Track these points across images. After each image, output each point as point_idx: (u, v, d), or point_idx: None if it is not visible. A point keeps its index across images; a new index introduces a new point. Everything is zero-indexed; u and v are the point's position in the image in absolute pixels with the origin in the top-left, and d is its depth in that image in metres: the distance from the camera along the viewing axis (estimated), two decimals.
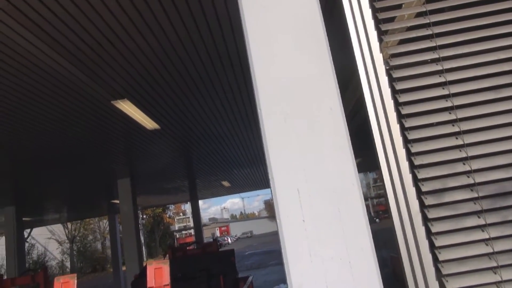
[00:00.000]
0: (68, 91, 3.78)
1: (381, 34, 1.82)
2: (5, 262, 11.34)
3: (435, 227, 1.53)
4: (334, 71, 1.27)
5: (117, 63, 3.34)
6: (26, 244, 20.78)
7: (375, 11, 1.84)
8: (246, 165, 10.63)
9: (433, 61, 1.77)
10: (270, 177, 1.19)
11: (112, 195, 12.48)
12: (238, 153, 8.64)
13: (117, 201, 12.55)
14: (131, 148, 6.66)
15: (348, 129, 1.23)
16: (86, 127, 5.06)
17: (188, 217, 64.55)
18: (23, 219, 11.77)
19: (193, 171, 10.55)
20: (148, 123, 5.24)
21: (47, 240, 27.48)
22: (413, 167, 1.61)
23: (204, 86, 4.26)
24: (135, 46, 3.09)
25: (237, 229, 69.77)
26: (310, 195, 1.15)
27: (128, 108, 4.50)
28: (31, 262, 24.83)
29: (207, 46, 3.30)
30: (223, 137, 6.95)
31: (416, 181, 1.59)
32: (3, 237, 10.75)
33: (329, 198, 1.15)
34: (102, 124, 5.07)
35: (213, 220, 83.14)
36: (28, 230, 22.18)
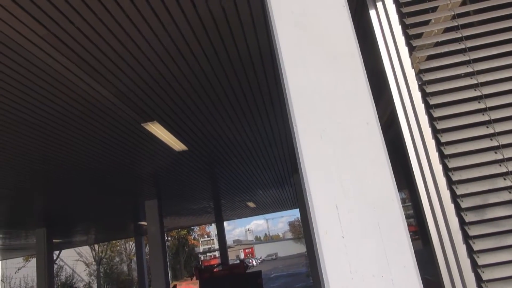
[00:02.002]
0: (101, 114, 3.90)
1: (412, 49, 1.81)
2: (35, 283, 11.52)
3: (477, 245, 1.48)
4: (369, 86, 1.27)
5: (148, 87, 3.44)
6: (55, 266, 21.12)
7: (405, 27, 1.84)
8: (272, 185, 10.59)
9: (467, 75, 1.75)
10: (306, 194, 1.19)
11: (139, 217, 12.62)
12: (264, 173, 8.64)
13: (144, 223, 12.66)
14: (159, 169, 6.75)
15: None
16: (117, 149, 5.18)
17: (213, 239, 64.33)
18: (53, 241, 12.00)
19: (219, 191, 10.59)
20: (176, 144, 5.33)
21: (75, 262, 27.87)
22: (451, 183, 1.58)
23: (232, 108, 4.32)
24: (167, 71, 3.18)
25: (261, 251, 68.99)
26: (349, 211, 1.14)
27: (157, 130, 4.59)
28: (59, 284, 25.15)
29: (235, 70, 3.36)
30: (249, 158, 6.97)
31: (454, 197, 1.55)
32: (33, 259, 10.98)
33: (369, 213, 1.13)
34: (132, 146, 5.18)
35: (238, 242, 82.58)
36: (57, 252, 22.58)
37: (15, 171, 5.39)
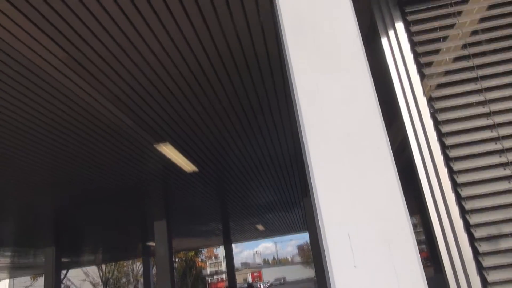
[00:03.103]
0: (114, 134, 3.96)
1: (423, 77, 1.83)
2: None
3: (491, 276, 1.45)
4: (380, 111, 1.29)
5: (162, 108, 3.50)
6: (62, 286, 20.98)
7: (416, 55, 1.86)
8: (281, 208, 10.52)
9: (479, 103, 1.75)
10: (318, 222, 1.19)
11: (147, 237, 12.58)
12: (274, 196, 8.60)
13: (153, 244, 12.60)
14: (169, 190, 6.78)
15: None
16: (128, 169, 5.23)
17: (220, 262, 63.58)
18: (62, 260, 12.00)
19: (228, 214, 10.54)
20: (187, 166, 5.36)
21: (82, 282, 27.73)
22: (464, 212, 1.57)
23: (244, 130, 4.36)
24: (180, 93, 3.23)
25: (269, 275, 67.90)
26: (362, 240, 1.13)
27: (169, 151, 4.64)
28: None
29: (247, 93, 3.40)
30: (259, 180, 6.97)
31: (468, 226, 1.53)
32: (41, 278, 10.97)
33: (381, 242, 1.12)
34: (143, 167, 5.23)
35: (245, 265, 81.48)
36: (64, 271, 22.50)
37: (27, 189, 5.45)
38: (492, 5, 1.85)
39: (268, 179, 7.00)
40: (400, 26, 1.91)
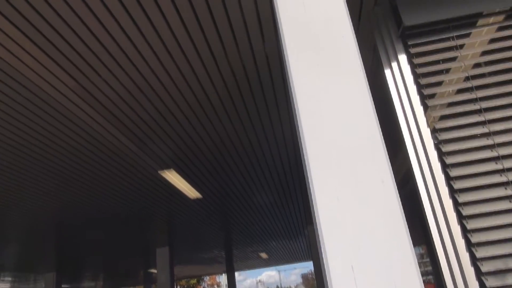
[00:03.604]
0: (120, 161, 3.98)
1: (426, 108, 1.85)
2: None
3: None
4: (384, 143, 1.29)
5: (167, 135, 3.53)
6: None
7: (420, 87, 1.88)
8: (285, 236, 10.40)
9: (483, 135, 1.76)
10: (322, 254, 1.18)
11: (149, 264, 12.42)
12: (278, 224, 8.52)
13: (154, 271, 12.42)
14: (173, 216, 6.74)
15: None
16: (132, 195, 5.23)
17: None
18: (62, 286, 11.82)
19: (231, 241, 10.42)
20: (191, 192, 5.35)
21: None
22: (470, 245, 1.55)
23: (248, 157, 4.37)
24: (186, 121, 3.27)
25: None
26: (365, 273, 1.12)
27: (173, 177, 4.64)
28: None
29: (252, 120, 3.43)
30: (263, 209, 6.92)
31: (474, 260, 1.51)
32: None
33: (385, 276, 1.11)
34: (147, 193, 5.22)
35: None
36: None
37: (29, 213, 5.45)
38: (493, 39, 1.88)
39: (272, 207, 6.96)
40: (403, 58, 1.94)
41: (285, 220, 8.30)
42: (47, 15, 1.90)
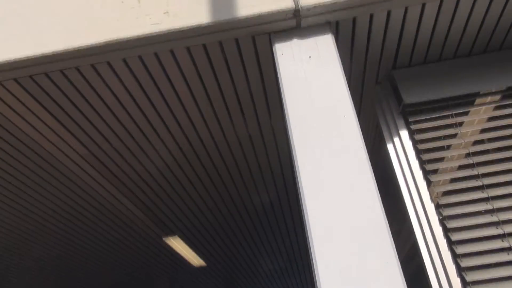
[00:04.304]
0: (124, 226, 3.97)
1: (429, 184, 1.87)
2: None
3: None
4: (388, 224, 1.30)
5: (173, 202, 3.55)
6: None
7: (422, 162, 1.92)
8: None
9: (487, 212, 1.76)
10: None
11: None
12: None
13: None
14: (174, 284, 6.54)
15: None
16: (134, 261, 5.13)
17: None
18: None
19: None
20: (195, 260, 5.24)
21: None
22: None
23: (254, 226, 4.34)
24: (193, 189, 3.31)
25: None
26: None
27: (177, 245, 4.58)
28: None
29: (258, 191, 3.47)
30: (268, 277, 6.71)
31: None
32: None
33: None
34: (150, 259, 5.13)
35: None
36: None
37: (29, 276, 5.33)
38: (491, 117, 1.95)
39: (278, 276, 6.74)
40: (404, 134, 2.00)
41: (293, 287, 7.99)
42: (63, 85, 2.02)
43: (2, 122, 2.25)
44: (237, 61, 1.94)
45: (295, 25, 1.64)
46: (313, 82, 1.55)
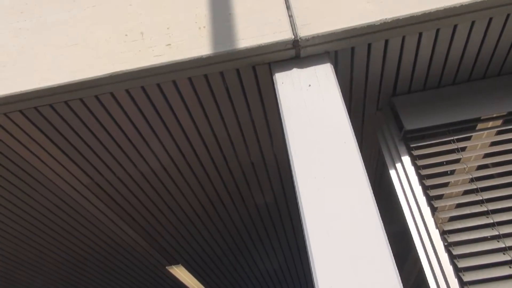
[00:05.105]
0: (127, 255, 3.93)
1: (434, 210, 1.85)
2: None
3: None
4: (391, 250, 1.28)
5: (176, 230, 3.53)
6: None
7: (425, 188, 1.91)
8: None
9: (493, 237, 1.74)
10: None
11: None
12: None
13: None
14: None
15: None
16: None
17: None
18: None
19: None
20: None
21: None
22: None
23: (259, 254, 4.29)
24: (196, 217, 3.30)
25: None
26: None
27: (181, 273, 4.52)
28: None
29: (262, 217, 3.45)
30: None
31: None
32: None
33: None
34: None
35: None
36: None
37: None
38: (494, 142, 1.95)
39: None
40: (406, 159, 2.00)
41: None
42: (67, 116, 2.05)
43: (6, 152, 2.27)
44: (238, 90, 1.97)
45: (295, 55, 1.67)
46: (313, 110, 1.56)
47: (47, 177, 2.56)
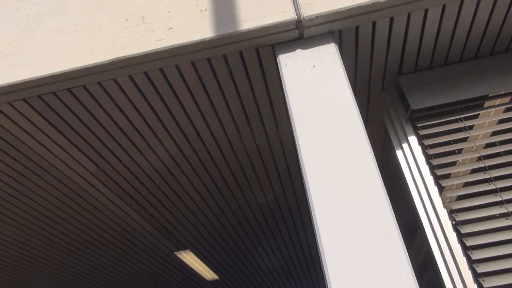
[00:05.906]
0: (135, 241, 3.97)
1: (441, 189, 1.84)
2: None
3: None
4: (399, 229, 1.28)
5: (184, 216, 3.55)
6: None
7: (432, 167, 1.90)
8: None
9: (502, 215, 1.73)
10: None
11: None
12: None
13: None
14: None
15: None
16: (146, 275, 5.12)
17: None
18: None
19: None
20: (208, 273, 5.21)
21: None
22: None
23: (265, 237, 4.31)
24: (202, 201, 3.31)
25: None
26: None
27: (190, 259, 4.57)
28: None
29: (269, 202, 3.45)
30: None
31: None
32: None
33: None
34: (162, 274, 5.11)
35: None
36: None
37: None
38: (502, 119, 1.92)
39: (292, 286, 6.67)
40: (413, 139, 1.98)
41: None
42: (71, 103, 2.04)
43: (11, 141, 2.27)
44: (242, 73, 1.95)
45: (298, 35, 1.65)
46: (318, 91, 1.55)
47: (53, 165, 2.57)
